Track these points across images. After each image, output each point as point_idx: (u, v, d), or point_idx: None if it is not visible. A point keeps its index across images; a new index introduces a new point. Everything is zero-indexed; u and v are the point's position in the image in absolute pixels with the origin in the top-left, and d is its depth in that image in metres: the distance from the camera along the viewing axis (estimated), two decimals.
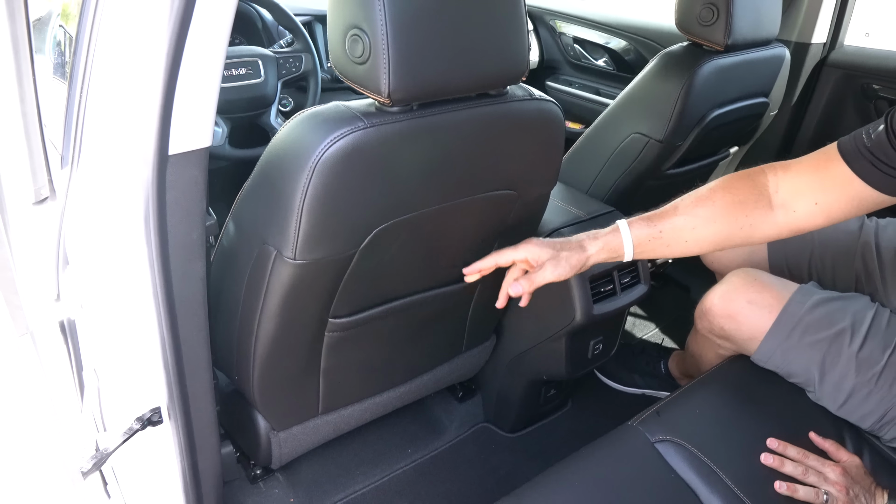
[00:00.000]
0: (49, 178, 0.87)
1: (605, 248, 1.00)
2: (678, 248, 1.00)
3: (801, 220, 0.97)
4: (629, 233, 1.00)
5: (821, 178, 0.95)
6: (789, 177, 0.97)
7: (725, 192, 0.99)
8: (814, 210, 0.95)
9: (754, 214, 0.98)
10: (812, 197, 0.95)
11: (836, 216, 0.95)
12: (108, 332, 0.97)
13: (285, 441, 1.24)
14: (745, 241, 1.01)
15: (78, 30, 0.80)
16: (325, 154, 0.82)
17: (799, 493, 0.98)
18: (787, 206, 0.97)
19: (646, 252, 1.01)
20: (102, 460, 0.90)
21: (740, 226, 0.98)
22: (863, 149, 0.91)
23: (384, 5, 0.78)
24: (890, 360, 1.07)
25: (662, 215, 1.01)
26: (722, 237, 1.00)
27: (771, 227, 0.99)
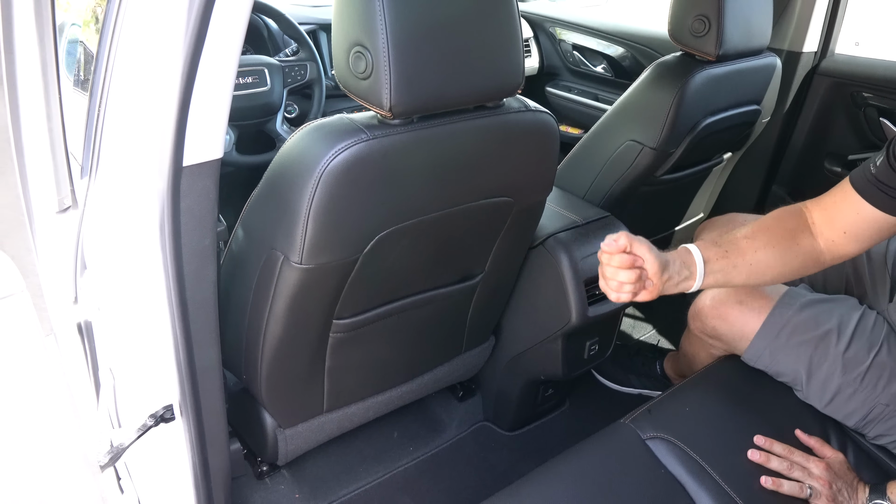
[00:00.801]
0: (72, 188, 0.91)
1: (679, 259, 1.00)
2: (744, 269, 1.03)
3: (839, 247, 1.04)
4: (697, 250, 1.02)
5: (843, 210, 1.03)
6: (819, 210, 1.06)
7: (777, 222, 1.06)
8: (844, 238, 1.03)
9: (804, 242, 1.05)
10: (840, 227, 1.03)
11: (866, 242, 1.04)
12: (124, 332, 1.01)
13: (291, 438, 1.28)
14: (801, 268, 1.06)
15: (98, 48, 0.84)
16: (330, 165, 0.86)
17: (784, 487, 1.02)
18: (825, 236, 1.05)
19: (715, 272, 1.02)
20: (118, 454, 0.94)
21: (795, 253, 1.04)
22: (871, 179, 0.98)
23: (385, 24, 0.82)
24: (875, 360, 1.11)
25: (725, 238, 1.05)
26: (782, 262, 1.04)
27: (819, 254, 1.06)
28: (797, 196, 1.98)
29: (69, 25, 1.24)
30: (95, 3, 1.09)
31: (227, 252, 1.12)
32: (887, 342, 1.13)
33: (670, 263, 0.98)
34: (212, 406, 0.99)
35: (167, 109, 0.73)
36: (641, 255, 0.95)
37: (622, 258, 0.95)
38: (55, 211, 0.91)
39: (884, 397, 1.09)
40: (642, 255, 0.95)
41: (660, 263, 0.96)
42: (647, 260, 0.95)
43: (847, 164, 1.84)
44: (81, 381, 1.10)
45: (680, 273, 0.99)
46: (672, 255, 1.00)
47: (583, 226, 1.41)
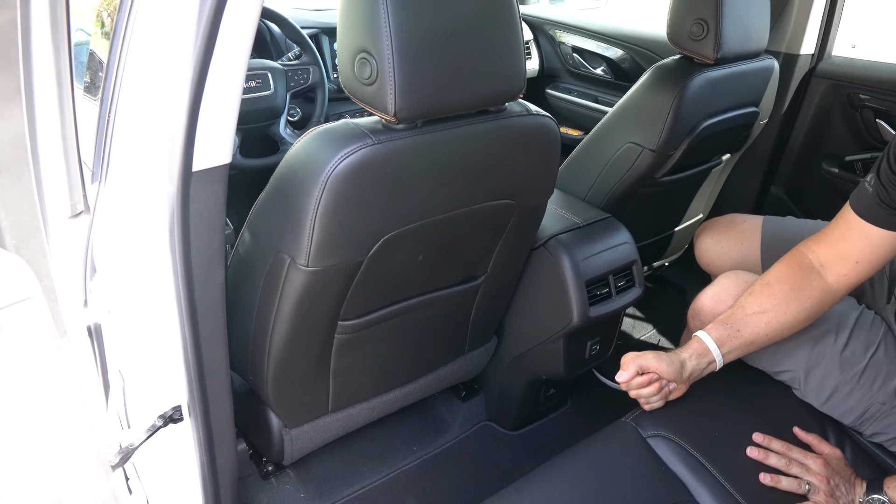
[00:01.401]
0: (84, 193, 0.93)
1: (694, 353, 1.07)
2: (760, 340, 1.08)
3: (852, 279, 1.06)
4: (711, 339, 1.07)
5: (851, 241, 1.04)
6: (824, 249, 1.08)
7: (781, 285, 1.08)
8: (857, 268, 1.05)
9: (815, 294, 1.07)
10: (850, 258, 1.05)
11: (879, 264, 1.05)
12: (133, 335, 1.03)
13: (297, 438, 1.30)
14: (817, 314, 1.10)
15: (109, 54, 0.86)
16: (336, 169, 0.88)
17: (782, 483, 1.03)
18: (835, 271, 1.07)
19: (733, 351, 1.08)
20: (129, 455, 0.95)
21: (807, 308, 1.07)
22: (871, 200, 1.01)
23: (390, 31, 0.84)
24: (872, 359, 1.12)
25: (733, 316, 1.09)
26: (797, 321, 1.08)
27: (832, 293, 1.08)
28: (795, 197, 2.01)
29: (75, 30, 1.26)
30: (101, 7, 1.11)
31: (234, 255, 1.13)
32: (884, 342, 1.14)
33: (687, 361, 1.07)
34: (219, 406, 1.00)
35: (177, 115, 0.74)
36: (653, 370, 1.06)
37: (639, 381, 1.07)
38: (68, 216, 0.93)
39: (880, 396, 1.11)
40: (653, 369, 1.06)
41: (675, 368, 1.06)
42: (660, 372, 1.06)
43: (844, 164, 1.86)
44: (92, 383, 1.11)
45: (699, 365, 1.08)
46: (687, 351, 1.08)
47: (584, 227, 1.42)
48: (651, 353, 1.06)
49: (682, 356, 1.07)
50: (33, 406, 0.66)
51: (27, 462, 0.67)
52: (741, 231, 1.46)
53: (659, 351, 1.08)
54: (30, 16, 0.80)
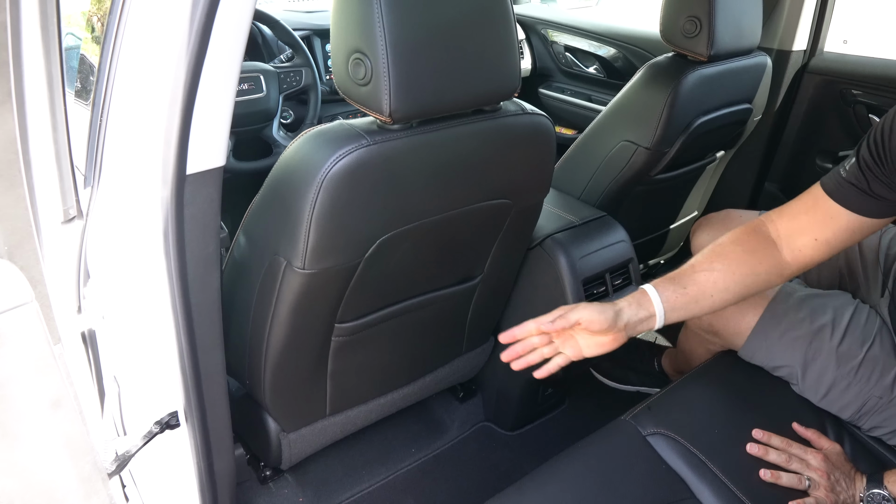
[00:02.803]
0: (77, 198, 0.92)
1: (634, 302, 1.02)
2: (706, 302, 1.04)
3: (807, 256, 1.04)
4: (655, 291, 1.02)
5: (812, 215, 1.03)
6: (785, 221, 1.06)
7: (735, 245, 1.05)
8: (815, 245, 1.03)
9: (767, 261, 1.05)
10: (811, 234, 1.03)
11: (837, 247, 1.03)
12: (129, 340, 1.02)
13: (294, 442, 1.29)
14: (762, 288, 1.07)
15: (100, 58, 0.85)
16: (331, 170, 0.87)
17: (782, 479, 1.03)
18: (792, 245, 1.05)
19: (676, 309, 1.03)
20: (125, 462, 0.95)
21: (756, 273, 1.04)
22: (842, 182, 0.99)
23: (384, 31, 0.83)
24: (868, 354, 1.13)
25: (682, 273, 1.05)
26: (744, 286, 1.04)
27: (783, 268, 1.06)
28: (789, 193, 2.01)
29: (66, 35, 1.25)
30: (92, 11, 1.10)
31: (230, 258, 1.13)
32: (880, 336, 1.15)
33: (624, 310, 1.00)
34: (216, 411, 0.99)
35: (170, 118, 0.74)
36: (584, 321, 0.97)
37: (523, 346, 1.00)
38: (61, 221, 0.92)
39: (877, 390, 1.11)
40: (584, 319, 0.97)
41: (607, 317, 0.97)
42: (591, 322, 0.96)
43: (838, 160, 1.86)
44: (87, 390, 1.10)
45: (637, 315, 1.00)
46: (626, 300, 1.01)
47: (580, 226, 1.42)
48: (583, 304, 0.99)
49: (618, 304, 1.00)
50: (28, 414, 0.65)
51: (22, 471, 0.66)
52: (737, 226, 1.46)
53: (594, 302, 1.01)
54: (20, 19, 0.79)
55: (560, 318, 0.98)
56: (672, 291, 1.02)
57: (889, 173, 0.95)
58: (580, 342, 1.01)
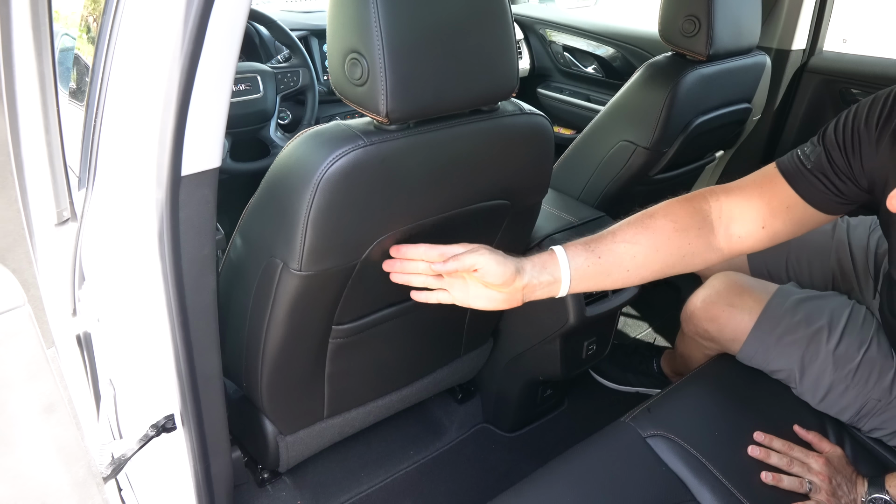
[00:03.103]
0: (70, 200, 0.91)
1: (538, 264, 0.93)
2: (619, 276, 0.95)
3: (745, 243, 0.96)
4: (565, 256, 0.93)
5: (767, 201, 0.95)
6: (733, 202, 0.97)
7: (666, 220, 0.95)
8: (760, 233, 0.95)
9: (697, 242, 0.96)
10: (759, 221, 0.95)
11: (780, 238, 0.96)
12: (124, 343, 1.01)
13: (292, 444, 1.28)
14: (686, 269, 0.98)
15: (94, 58, 0.85)
16: (328, 171, 0.86)
17: (784, 482, 1.03)
18: (732, 231, 0.97)
19: (584, 279, 0.94)
20: (120, 466, 0.94)
21: (682, 254, 0.96)
22: (805, 171, 0.93)
23: (381, 31, 0.82)
24: (865, 356, 1.12)
25: (601, 239, 0.96)
26: (664, 266, 0.96)
27: (713, 252, 0.97)
28: None
29: (60, 35, 1.24)
30: (87, 12, 1.09)
31: (226, 260, 1.12)
32: (877, 338, 1.14)
33: (527, 269, 0.92)
34: (213, 414, 0.99)
35: (165, 119, 0.73)
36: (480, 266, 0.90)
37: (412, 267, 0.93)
38: (54, 224, 0.91)
39: (875, 392, 1.10)
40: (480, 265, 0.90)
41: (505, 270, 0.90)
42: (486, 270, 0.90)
43: None
44: (82, 393, 1.10)
45: (540, 277, 0.92)
46: (532, 259, 0.94)
47: (578, 226, 1.42)
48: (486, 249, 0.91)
49: (522, 262, 0.92)
50: (20, 419, 0.64)
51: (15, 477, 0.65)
52: None
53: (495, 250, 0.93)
54: (10, 18, 0.78)
55: (455, 258, 0.90)
56: (584, 259, 0.93)
57: (856, 170, 0.91)
58: (470, 290, 0.93)
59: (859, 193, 0.93)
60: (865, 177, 0.91)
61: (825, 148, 0.93)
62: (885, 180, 0.89)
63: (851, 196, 0.93)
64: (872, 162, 0.90)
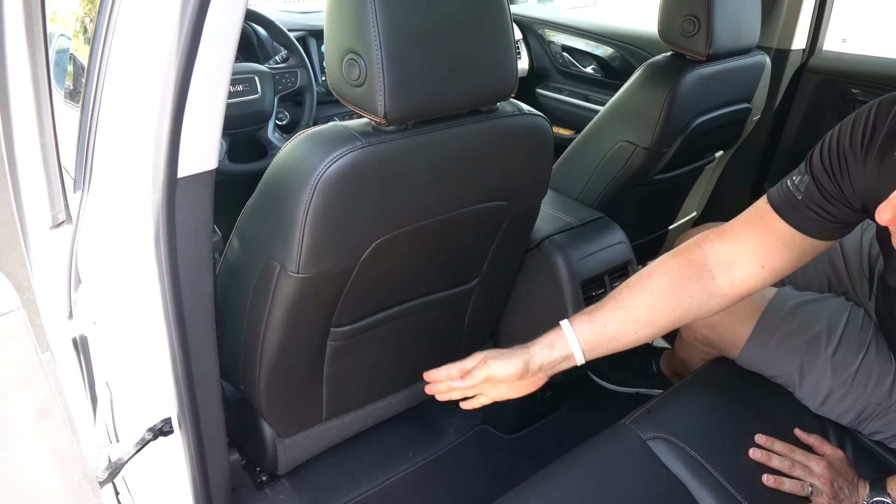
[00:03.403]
0: (65, 202, 0.91)
1: (547, 345, 0.97)
2: (629, 339, 0.98)
3: (749, 285, 0.97)
4: (572, 330, 0.97)
5: (762, 240, 0.95)
6: (729, 246, 0.97)
7: (663, 278, 0.97)
8: (761, 273, 0.95)
9: (698, 294, 0.97)
10: (758, 261, 0.95)
11: (783, 273, 0.96)
12: (121, 346, 1.01)
13: (291, 447, 1.28)
14: (695, 319, 1.01)
15: (89, 59, 0.84)
16: (325, 173, 0.86)
17: (785, 485, 1.02)
18: (733, 275, 0.97)
19: (596, 348, 0.97)
20: (117, 470, 0.93)
21: (686, 307, 0.97)
22: (797, 203, 0.92)
23: (379, 31, 0.82)
24: (864, 361, 1.11)
25: (603, 308, 0.98)
26: (670, 321, 0.98)
27: (718, 299, 0.98)
28: None
29: (57, 36, 1.23)
30: (84, 12, 1.09)
31: (223, 262, 1.11)
32: (875, 342, 1.13)
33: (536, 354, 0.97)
34: (211, 417, 0.98)
35: (161, 120, 0.73)
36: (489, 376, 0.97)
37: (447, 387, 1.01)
38: (49, 226, 0.91)
39: (875, 397, 1.10)
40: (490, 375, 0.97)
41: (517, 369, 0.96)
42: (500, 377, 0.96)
43: None
44: (78, 397, 1.09)
45: (550, 357, 0.97)
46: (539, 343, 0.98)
47: (578, 227, 1.41)
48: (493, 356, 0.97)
49: (531, 350, 0.97)
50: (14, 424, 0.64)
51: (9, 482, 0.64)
52: None
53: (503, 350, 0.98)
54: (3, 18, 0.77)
55: (469, 376, 0.98)
56: (591, 331, 0.97)
57: (847, 192, 0.89)
58: (499, 387, 1.00)
59: (854, 215, 0.91)
60: (858, 198, 0.89)
61: (813, 175, 0.91)
62: (877, 197, 0.85)
63: (847, 219, 0.92)
64: (861, 181, 0.88)
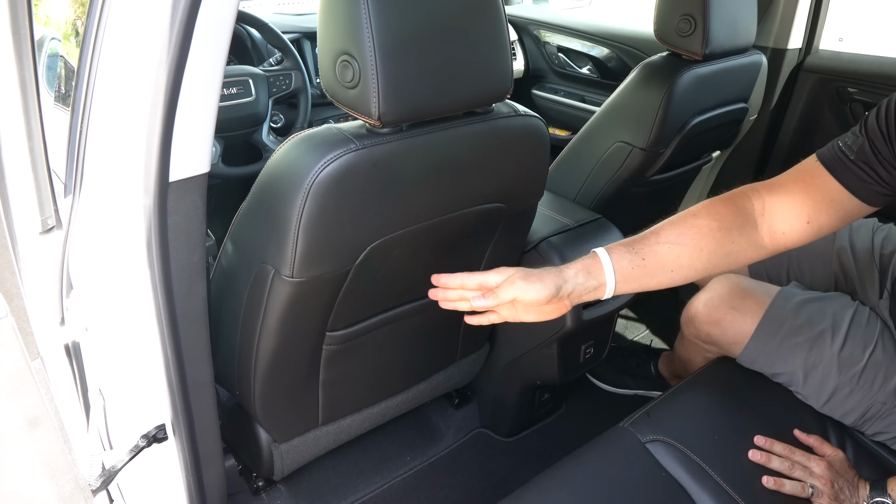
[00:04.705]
0: (55, 207, 0.89)
1: (582, 270, 0.91)
2: (663, 277, 0.94)
3: (790, 239, 0.95)
4: (609, 258, 0.92)
5: (811, 196, 0.93)
6: (777, 198, 0.96)
7: (710, 219, 0.95)
8: (804, 228, 0.94)
9: (740, 241, 0.95)
10: (804, 216, 0.94)
11: (825, 231, 0.95)
12: (113, 352, 1.00)
13: (287, 453, 1.26)
14: (729, 267, 0.98)
15: (79, 62, 0.83)
16: (319, 176, 0.85)
17: (785, 487, 1.01)
18: (775, 227, 0.95)
19: (629, 281, 0.92)
20: (111, 477, 0.92)
21: (727, 252, 0.95)
22: (847, 162, 0.91)
23: (372, 32, 0.81)
24: (870, 359, 1.11)
25: (643, 240, 0.94)
26: (709, 265, 0.95)
27: (757, 250, 0.97)
28: None
29: (49, 40, 1.22)
30: (76, 16, 1.08)
31: (217, 267, 1.10)
32: (882, 340, 1.13)
33: (571, 278, 0.90)
34: (205, 423, 0.97)
35: (152, 123, 0.72)
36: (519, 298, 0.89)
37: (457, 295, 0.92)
38: (38, 232, 0.89)
39: (881, 395, 1.09)
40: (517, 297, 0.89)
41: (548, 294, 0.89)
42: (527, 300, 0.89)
43: None
44: (70, 404, 1.08)
45: (586, 283, 0.91)
46: (574, 267, 0.92)
47: (575, 228, 1.40)
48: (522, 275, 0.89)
49: (564, 273, 0.90)
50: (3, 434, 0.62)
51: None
52: None
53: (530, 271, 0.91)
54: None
55: (492, 294, 0.89)
56: (628, 261, 0.92)
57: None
58: (518, 308, 0.92)
59: None
60: None
61: (868, 137, 0.90)
62: None
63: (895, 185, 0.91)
64: None
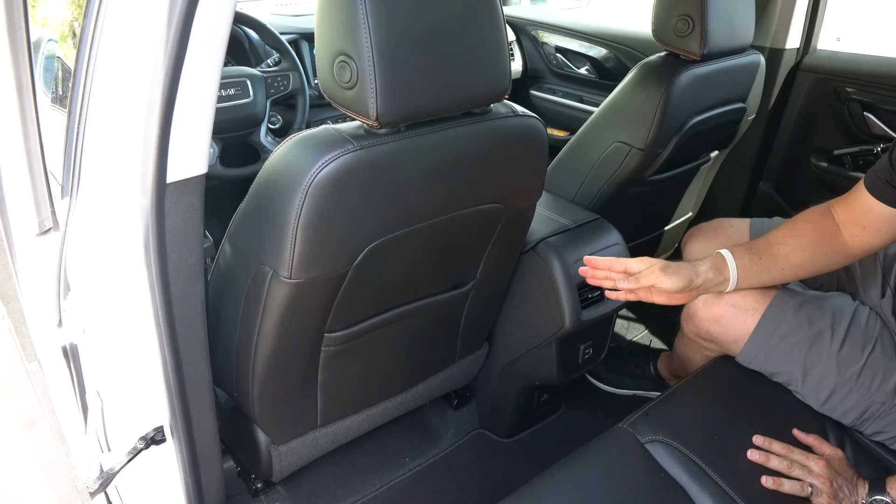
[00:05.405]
0: (52, 209, 0.89)
1: (711, 267, 1.11)
2: (776, 273, 1.13)
3: (862, 241, 1.11)
4: (732, 258, 1.11)
5: (859, 207, 1.10)
6: (840, 208, 1.14)
7: (811, 228, 1.13)
8: (864, 232, 1.10)
9: (833, 242, 1.12)
10: (860, 223, 1.10)
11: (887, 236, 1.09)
12: (111, 354, 0.99)
13: (285, 454, 1.26)
14: (829, 265, 1.15)
15: (76, 63, 0.83)
16: (317, 177, 0.85)
17: (784, 486, 1.01)
18: (849, 231, 1.12)
19: (748, 277, 1.12)
20: (108, 480, 0.92)
21: (824, 252, 1.12)
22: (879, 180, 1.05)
23: (370, 33, 0.81)
24: (869, 359, 1.11)
25: (757, 243, 1.14)
26: (810, 263, 1.13)
27: (847, 249, 1.12)
28: (784, 192, 2.00)
29: (46, 41, 1.22)
30: (73, 17, 1.07)
31: (215, 268, 1.10)
32: (881, 339, 1.13)
33: (702, 273, 1.10)
34: (203, 425, 0.97)
35: (149, 125, 0.72)
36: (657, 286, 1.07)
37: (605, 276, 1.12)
38: (35, 233, 0.89)
39: (879, 395, 1.09)
40: (658, 285, 1.07)
41: (683, 285, 1.07)
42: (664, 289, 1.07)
43: (833, 158, 1.85)
44: (68, 406, 1.07)
45: (714, 280, 1.11)
46: (706, 263, 1.11)
47: (573, 229, 1.40)
48: (660, 267, 1.07)
49: (698, 269, 1.10)
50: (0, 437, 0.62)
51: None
52: (729, 235, 1.44)
53: (669, 263, 1.09)
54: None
55: (635, 279, 1.07)
56: (748, 260, 1.11)
57: None
58: (653, 293, 1.09)
59: None
60: None
61: (891, 156, 1.01)
62: None
63: None
64: None
